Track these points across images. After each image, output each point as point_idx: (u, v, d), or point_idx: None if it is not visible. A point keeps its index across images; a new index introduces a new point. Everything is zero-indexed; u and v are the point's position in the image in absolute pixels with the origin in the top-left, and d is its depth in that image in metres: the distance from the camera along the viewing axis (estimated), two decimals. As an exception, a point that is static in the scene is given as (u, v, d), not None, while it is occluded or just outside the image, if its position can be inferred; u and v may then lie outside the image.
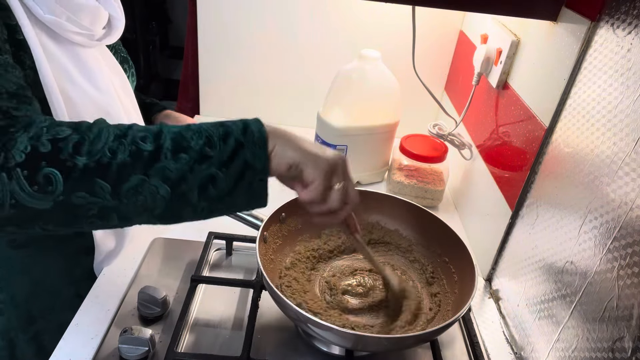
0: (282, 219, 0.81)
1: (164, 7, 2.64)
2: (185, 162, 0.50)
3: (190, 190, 0.51)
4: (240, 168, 0.51)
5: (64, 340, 0.70)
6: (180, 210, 0.52)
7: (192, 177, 0.50)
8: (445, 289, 0.78)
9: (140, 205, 0.50)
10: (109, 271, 0.83)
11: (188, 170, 0.50)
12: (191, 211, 0.53)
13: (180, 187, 0.50)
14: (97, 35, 0.73)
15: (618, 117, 0.57)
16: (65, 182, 0.48)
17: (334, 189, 0.58)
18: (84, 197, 0.48)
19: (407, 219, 0.86)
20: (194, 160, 0.50)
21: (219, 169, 0.51)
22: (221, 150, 0.51)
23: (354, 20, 1.21)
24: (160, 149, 0.50)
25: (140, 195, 0.49)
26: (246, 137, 0.52)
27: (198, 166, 0.50)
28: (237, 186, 0.52)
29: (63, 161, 0.48)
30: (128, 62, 0.87)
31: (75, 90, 0.69)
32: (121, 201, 0.49)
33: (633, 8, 0.56)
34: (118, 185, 0.49)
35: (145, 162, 0.49)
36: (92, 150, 0.49)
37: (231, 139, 0.52)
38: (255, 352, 0.69)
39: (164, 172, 0.49)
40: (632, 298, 0.50)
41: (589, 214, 0.60)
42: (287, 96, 1.33)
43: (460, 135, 1.07)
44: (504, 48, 0.87)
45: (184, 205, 0.52)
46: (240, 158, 0.51)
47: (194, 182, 0.50)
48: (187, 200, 0.51)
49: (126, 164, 0.49)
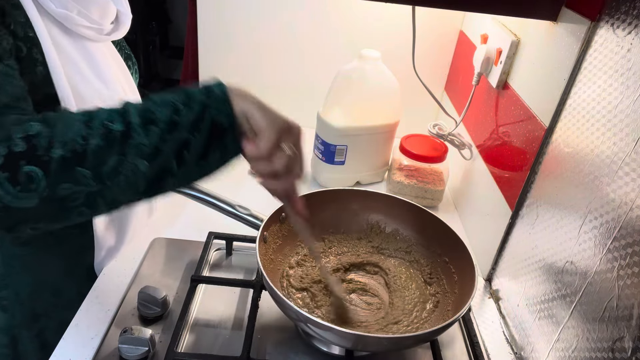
0: (282, 219, 0.81)
1: (164, 7, 2.65)
2: (156, 134, 0.51)
3: (167, 160, 0.52)
4: (209, 127, 0.53)
5: (64, 340, 0.70)
6: (162, 182, 0.53)
7: (166, 147, 0.51)
8: (445, 289, 0.78)
9: (124, 185, 0.51)
10: (109, 271, 0.83)
11: (161, 141, 0.51)
12: (173, 181, 0.54)
13: (157, 159, 0.51)
14: (105, 29, 0.74)
15: (618, 117, 0.57)
16: (46, 177, 0.48)
17: (281, 150, 0.57)
18: (68, 187, 0.49)
19: (407, 219, 0.86)
20: (164, 130, 0.51)
21: (190, 134, 0.52)
22: (187, 115, 0.52)
23: (354, 20, 1.21)
24: (130, 126, 0.51)
25: (121, 174, 0.51)
26: (209, 98, 0.54)
27: (169, 135, 0.52)
28: (210, 146, 0.54)
29: (40, 157, 0.48)
30: (132, 59, 0.88)
31: (84, 85, 0.70)
32: (104, 184, 0.50)
33: (633, 8, 0.56)
34: (98, 169, 0.50)
35: (118, 142, 0.50)
36: (65, 140, 0.49)
37: (195, 103, 0.53)
38: (255, 352, 0.70)
39: (139, 148, 0.51)
40: (632, 298, 0.50)
41: (589, 214, 0.60)
42: (287, 96, 1.33)
43: (460, 135, 1.07)
44: (504, 48, 0.87)
45: (165, 176, 0.53)
46: (207, 119, 0.53)
47: (169, 151, 0.52)
48: (166, 170, 0.52)
49: (101, 147, 0.50)
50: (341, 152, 1.06)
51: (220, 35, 1.25)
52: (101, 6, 0.72)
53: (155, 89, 2.56)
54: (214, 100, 0.54)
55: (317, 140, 1.08)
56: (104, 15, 0.73)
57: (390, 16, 1.20)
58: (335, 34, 1.23)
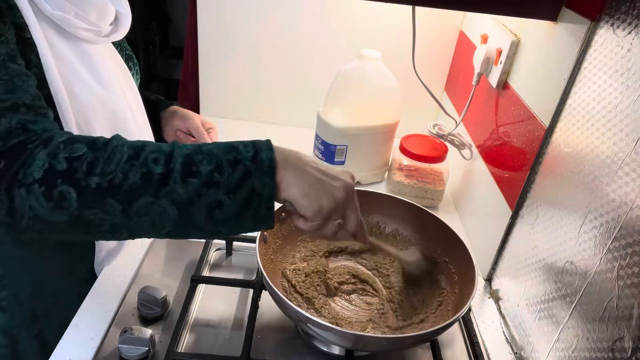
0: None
1: (164, 7, 2.64)
2: (193, 187, 0.51)
3: (197, 213, 0.52)
4: (247, 195, 0.52)
5: (64, 340, 0.70)
6: (187, 230, 0.54)
7: (199, 201, 0.52)
8: (446, 289, 0.78)
9: (149, 224, 0.52)
10: (109, 271, 0.83)
11: (196, 195, 0.51)
12: (198, 232, 0.54)
13: (188, 210, 0.52)
14: (104, 31, 0.73)
15: (618, 117, 0.57)
16: (78, 199, 0.50)
17: (330, 223, 0.59)
18: (96, 213, 0.51)
19: (407, 219, 0.86)
20: (203, 185, 0.51)
21: (226, 195, 0.52)
22: (229, 177, 0.52)
23: (354, 20, 1.21)
24: (170, 173, 0.51)
25: (149, 215, 0.51)
26: (256, 165, 0.53)
27: (206, 191, 0.52)
28: (243, 212, 0.53)
29: (77, 180, 0.50)
30: (133, 60, 0.87)
31: (81, 87, 0.69)
32: (131, 219, 0.51)
33: (633, 8, 0.56)
34: (128, 205, 0.51)
35: (155, 185, 0.51)
36: (105, 171, 0.51)
37: (240, 166, 0.53)
38: (255, 352, 0.69)
39: (173, 196, 0.51)
40: (632, 298, 0.50)
41: (589, 214, 0.60)
42: (287, 96, 1.33)
43: (460, 135, 1.07)
44: (504, 48, 0.87)
45: (191, 227, 0.53)
46: (248, 186, 0.52)
47: (202, 206, 0.52)
48: (194, 222, 0.53)
49: (137, 185, 0.51)
50: (341, 152, 1.06)
51: (220, 35, 1.25)
52: (99, 8, 0.71)
53: (155, 89, 2.57)
54: (259, 168, 0.53)
55: (317, 140, 1.08)
56: (102, 17, 0.72)
57: (390, 16, 1.20)
58: (335, 34, 1.23)
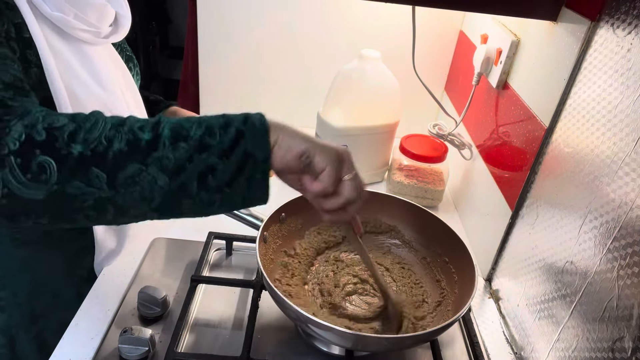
0: (282, 219, 0.81)
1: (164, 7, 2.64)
2: (184, 151, 0.49)
3: (189, 180, 0.49)
4: (240, 157, 0.50)
5: (64, 340, 0.70)
6: (179, 202, 0.51)
7: (191, 167, 0.49)
8: (446, 289, 0.78)
9: (138, 196, 0.49)
10: (109, 271, 0.83)
11: (187, 160, 0.49)
12: (190, 203, 0.51)
13: (179, 177, 0.49)
14: (103, 32, 0.73)
15: (618, 117, 0.57)
16: (60, 170, 0.47)
17: (345, 180, 0.56)
18: (79, 187, 0.47)
19: (407, 219, 0.86)
20: (194, 149, 0.49)
21: (219, 159, 0.50)
22: (221, 140, 0.50)
23: (354, 20, 1.21)
24: (159, 138, 0.49)
25: (138, 185, 0.48)
26: (247, 126, 0.51)
27: (198, 155, 0.49)
28: (237, 177, 0.51)
29: (58, 149, 0.47)
30: (133, 61, 0.87)
31: (81, 88, 0.69)
32: (118, 191, 0.48)
33: (633, 8, 0.56)
34: (114, 174, 0.48)
35: (142, 151, 0.48)
36: (89, 139, 0.48)
37: (232, 128, 0.50)
38: (255, 352, 0.69)
39: (162, 162, 0.48)
40: (632, 298, 0.50)
41: (589, 214, 0.60)
42: (287, 96, 1.33)
43: (460, 135, 1.07)
44: (504, 48, 0.87)
45: (183, 197, 0.50)
46: (241, 147, 0.50)
47: (193, 171, 0.49)
48: (185, 190, 0.50)
49: (123, 152, 0.48)
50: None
51: (220, 35, 1.25)
52: (98, 9, 0.71)
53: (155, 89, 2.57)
54: (251, 130, 0.51)
55: (317, 140, 1.08)
56: (102, 19, 0.72)
57: (390, 16, 1.20)
58: (335, 34, 1.23)
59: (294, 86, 1.31)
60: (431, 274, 0.82)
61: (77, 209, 0.49)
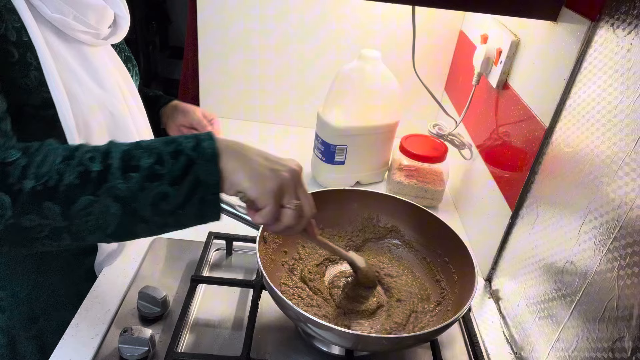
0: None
1: (164, 7, 2.64)
2: (135, 181, 0.50)
3: (142, 207, 0.51)
4: (191, 184, 0.51)
5: (64, 340, 0.70)
6: (133, 227, 0.52)
7: (143, 195, 0.50)
8: (445, 289, 0.78)
9: (92, 225, 0.50)
10: (109, 271, 0.83)
11: (139, 189, 0.50)
12: (144, 227, 0.53)
13: (131, 205, 0.50)
14: (103, 34, 0.74)
15: (618, 117, 0.57)
16: (13, 205, 0.48)
17: (286, 208, 0.57)
18: (33, 219, 0.49)
19: (407, 219, 0.86)
20: (145, 179, 0.50)
21: (170, 186, 0.51)
22: (172, 168, 0.51)
23: (354, 20, 1.21)
24: (109, 169, 0.50)
25: (91, 214, 0.50)
26: (197, 153, 0.52)
27: (149, 184, 0.50)
28: (189, 201, 0.52)
29: (10, 185, 0.48)
30: (132, 62, 0.87)
31: (81, 90, 0.69)
32: (72, 221, 0.50)
33: (633, 8, 0.56)
34: (67, 207, 0.49)
35: (94, 183, 0.49)
36: (39, 173, 0.49)
37: (182, 156, 0.51)
38: (255, 352, 0.70)
39: (114, 192, 0.50)
40: (632, 298, 0.50)
41: (589, 214, 0.60)
42: (287, 96, 1.33)
43: (460, 135, 1.07)
44: (504, 48, 0.87)
45: (137, 222, 0.52)
46: (192, 175, 0.51)
47: (146, 200, 0.50)
48: (139, 216, 0.51)
49: (74, 185, 0.49)
50: (341, 152, 1.06)
51: (220, 35, 1.25)
52: (98, 11, 0.71)
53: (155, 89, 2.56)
54: (202, 157, 0.52)
55: (317, 140, 1.08)
56: (101, 20, 0.73)
57: (390, 16, 1.20)
58: (335, 34, 1.23)
59: (294, 86, 1.31)
60: (431, 274, 0.82)
61: (35, 238, 0.50)
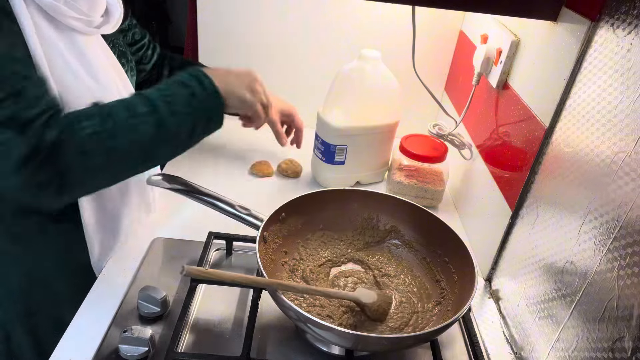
0: (282, 219, 0.81)
1: (164, 7, 2.65)
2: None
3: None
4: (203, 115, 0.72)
5: (64, 340, 0.70)
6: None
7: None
8: (445, 289, 0.78)
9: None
10: (108, 271, 0.83)
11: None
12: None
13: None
14: (95, 22, 0.73)
15: (618, 117, 0.57)
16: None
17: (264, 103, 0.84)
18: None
19: (407, 219, 0.86)
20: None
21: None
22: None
23: (354, 20, 1.21)
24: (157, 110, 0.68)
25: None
26: (202, 87, 0.71)
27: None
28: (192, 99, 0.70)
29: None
30: (126, 57, 0.86)
31: (69, 75, 0.69)
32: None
33: (633, 8, 0.56)
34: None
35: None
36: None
37: (194, 100, 0.70)
38: (255, 352, 0.70)
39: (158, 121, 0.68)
40: (632, 298, 0.50)
41: (589, 214, 0.60)
42: (287, 96, 1.32)
43: (460, 135, 1.07)
44: (504, 48, 0.87)
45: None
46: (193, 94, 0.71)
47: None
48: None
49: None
50: (341, 152, 1.06)
51: (220, 35, 1.25)
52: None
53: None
54: (205, 92, 0.71)
55: (317, 140, 1.08)
56: (93, 7, 0.73)
57: (390, 16, 1.20)
58: (335, 34, 1.23)
59: (293, 86, 1.31)
60: (431, 274, 0.82)
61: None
